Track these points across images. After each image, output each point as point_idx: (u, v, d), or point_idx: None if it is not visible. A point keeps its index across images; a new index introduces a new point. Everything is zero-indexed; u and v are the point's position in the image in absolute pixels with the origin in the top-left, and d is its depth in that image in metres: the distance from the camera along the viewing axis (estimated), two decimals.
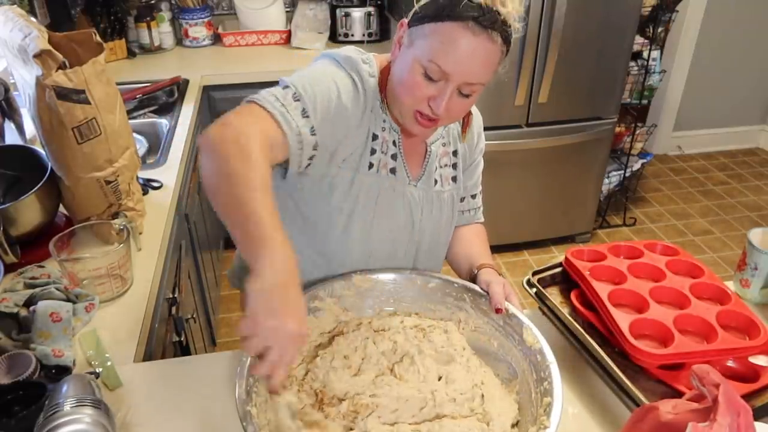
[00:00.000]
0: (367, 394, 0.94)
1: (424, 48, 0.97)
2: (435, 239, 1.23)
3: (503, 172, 2.80)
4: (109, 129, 1.30)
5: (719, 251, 3.15)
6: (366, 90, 1.05)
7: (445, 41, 0.94)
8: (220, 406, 1.01)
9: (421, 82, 0.98)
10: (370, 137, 1.09)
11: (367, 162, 1.09)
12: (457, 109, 1.02)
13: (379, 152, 1.10)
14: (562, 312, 1.10)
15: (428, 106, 1.00)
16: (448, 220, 1.24)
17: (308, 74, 1.03)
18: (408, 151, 1.14)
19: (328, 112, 1.00)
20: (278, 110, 0.96)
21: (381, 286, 1.13)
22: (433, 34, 0.95)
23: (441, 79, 0.97)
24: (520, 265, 3.03)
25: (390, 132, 1.11)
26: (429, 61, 0.96)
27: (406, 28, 1.02)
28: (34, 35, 1.21)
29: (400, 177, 1.13)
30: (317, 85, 1.01)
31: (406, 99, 1.01)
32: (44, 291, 1.15)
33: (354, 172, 1.09)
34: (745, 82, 3.93)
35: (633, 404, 0.94)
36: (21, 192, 1.31)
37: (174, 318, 1.49)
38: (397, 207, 1.14)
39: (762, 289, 1.23)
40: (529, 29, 2.49)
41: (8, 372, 0.97)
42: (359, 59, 1.06)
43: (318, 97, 0.99)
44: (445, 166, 1.20)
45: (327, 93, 1.01)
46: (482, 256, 1.23)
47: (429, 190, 1.17)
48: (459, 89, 0.98)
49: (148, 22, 2.82)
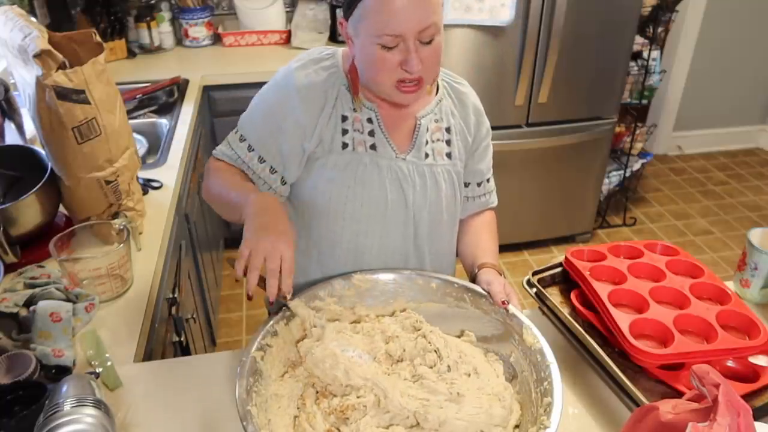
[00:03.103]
0: (362, 392, 0.94)
1: (366, 28, 1.01)
2: (436, 218, 1.21)
3: (503, 172, 2.77)
4: (109, 129, 1.30)
5: (719, 251, 3.15)
6: (314, 84, 1.11)
7: (379, 9, 0.98)
8: (220, 406, 1.01)
9: (384, 55, 1.01)
10: (338, 119, 1.13)
11: (339, 143, 1.13)
12: (430, 58, 1.04)
13: (352, 131, 1.13)
14: (562, 312, 1.10)
15: (403, 71, 1.02)
16: (449, 198, 1.22)
17: (254, 103, 1.17)
18: (392, 126, 1.16)
19: (271, 134, 1.13)
20: (228, 156, 1.17)
21: (381, 286, 1.13)
22: (365, 12, 0.99)
23: (399, 43, 1.00)
24: (520, 265, 3.03)
25: (363, 110, 1.14)
26: (379, 36, 0.99)
27: (346, 24, 1.06)
28: (34, 35, 1.21)
29: (384, 152, 1.14)
30: (258, 112, 1.16)
31: (382, 77, 1.04)
32: (44, 291, 1.15)
33: (327, 154, 1.13)
34: (745, 82, 3.93)
35: (633, 404, 0.94)
36: (21, 192, 1.31)
37: (174, 318, 1.49)
38: (383, 181, 1.15)
39: (762, 289, 1.23)
40: (529, 29, 2.49)
41: (8, 372, 0.97)
42: (308, 60, 1.13)
43: (260, 125, 1.15)
44: (437, 140, 1.20)
45: (268, 115, 1.14)
46: (486, 253, 1.23)
47: (419, 163, 1.17)
48: (419, 40, 1.01)
49: (148, 22, 2.82)
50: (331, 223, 1.16)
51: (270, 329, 0.99)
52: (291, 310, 1.01)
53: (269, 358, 0.97)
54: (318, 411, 0.93)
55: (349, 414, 0.91)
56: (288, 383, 0.98)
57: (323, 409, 0.93)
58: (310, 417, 0.92)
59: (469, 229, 1.32)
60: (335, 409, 0.92)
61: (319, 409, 0.93)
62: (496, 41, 2.51)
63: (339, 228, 1.16)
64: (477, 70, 2.56)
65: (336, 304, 1.10)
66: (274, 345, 0.98)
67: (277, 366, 0.98)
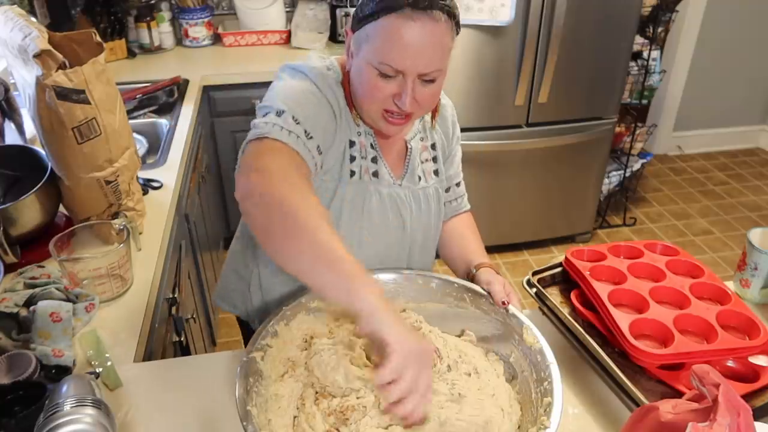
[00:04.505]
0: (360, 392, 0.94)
1: (370, 51, 0.95)
2: (426, 235, 1.23)
3: (503, 172, 2.80)
4: (109, 129, 1.30)
5: (719, 251, 3.15)
6: (337, 98, 1.04)
7: (388, 38, 0.92)
8: (220, 406, 1.01)
9: (378, 83, 0.96)
10: (347, 145, 1.08)
11: (348, 171, 1.08)
12: (426, 98, 0.99)
13: (359, 158, 1.09)
14: (562, 312, 1.10)
15: (394, 103, 0.98)
16: (437, 215, 1.23)
17: (290, 94, 1.00)
18: (387, 152, 1.13)
19: (322, 129, 1.00)
20: (292, 140, 0.94)
21: (381, 285, 1.13)
22: (375, 34, 0.94)
23: (398, 75, 0.95)
24: (520, 265, 3.03)
25: (366, 136, 1.10)
26: (380, 63, 0.94)
27: (351, 35, 1.00)
28: (34, 35, 1.21)
29: (384, 179, 1.13)
30: (306, 105, 0.99)
31: (369, 104, 1.00)
32: (44, 291, 1.15)
33: (336, 183, 1.08)
34: (745, 82, 3.93)
35: (633, 404, 0.94)
36: (21, 192, 1.31)
37: (174, 318, 1.49)
38: (385, 209, 1.13)
39: (762, 289, 1.23)
40: (529, 29, 2.49)
41: (8, 372, 0.97)
42: (324, 67, 1.05)
43: (311, 117, 0.98)
44: (426, 161, 1.19)
45: (316, 110, 1.00)
46: (477, 254, 1.23)
47: (414, 187, 1.17)
48: (420, 78, 0.96)
49: (148, 22, 2.82)
50: None
51: (270, 329, 0.99)
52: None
53: (269, 358, 0.96)
54: (317, 411, 0.93)
55: (349, 415, 0.91)
56: (288, 383, 0.98)
57: (323, 409, 0.93)
58: (309, 417, 0.92)
59: (453, 232, 1.31)
60: (335, 410, 0.92)
61: (318, 410, 0.93)
62: (496, 41, 2.51)
63: None
64: (477, 70, 2.56)
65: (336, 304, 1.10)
66: (274, 345, 0.98)
67: (277, 366, 0.98)
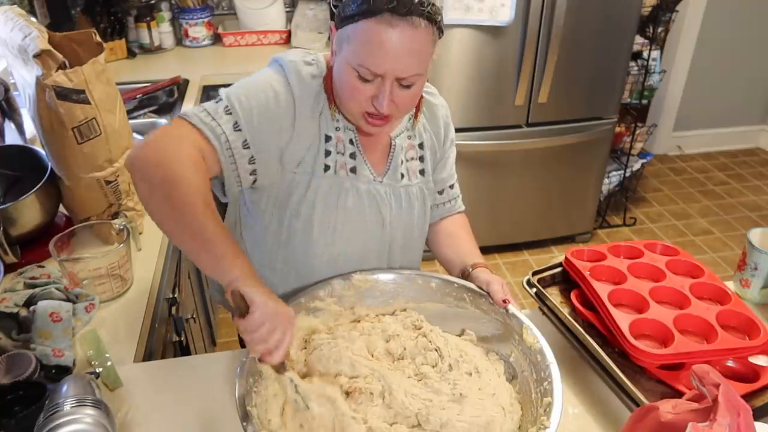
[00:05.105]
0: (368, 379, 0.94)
1: (350, 52, 0.95)
2: (408, 235, 1.21)
3: (503, 172, 2.80)
4: (109, 129, 1.30)
5: (719, 251, 3.15)
6: (309, 92, 1.04)
7: (367, 41, 0.93)
8: (220, 406, 1.01)
9: (358, 85, 0.97)
10: (322, 139, 1.07)
11: (321, 165, 1.08)
12: (404, 101, 1.00)
13: (335, 153, 1.09)
14: (562, 312, 1.10)
15: (373, 105, 0.98)
16: (420, 215, 1.22)
17: (246, 84, 1.03)
18: (369, 148, 1.13)
19: (264, 122, 1.00)
20: (207, 125, 0.97)
21: (381, 285, 1.13)
22: (355, 36, 0.94)
23: (376, 79, 0.96)
24: (520, 265, 3.02)
25: (345, 131, 1.09)
26: (359, 65, 0.95)
27: (335, 32, 1.00)
28: (34, 35, 1.21)
29: (363, 175, 1.12)
30: (254, 96, 1.00)
31: (351, 105, 1.01)
32: (44, 291, 1.16)
33: (309, 176, 1.08)
34: (745, 82, 3.93)
35: (633, 404, 0.94)
36: (21, 192, 1.31)
37: (174, 318, 1.49)
38: (363, 206, 1.13)
39: (762, 289, 1.23)
40: (529, 29, 2.49)
41: (8, 372, 0.97)
42: (301, 61, 1.05)
43: (254, 109, 1.00)
44: (411, 159, 1.18)
45: (264, 102, 1.01)
46: (472, 254, 1.22)
47: (395, 185, 1.15)
48: (398, 82, 0.96)
49: (148, 22, 2.82)
50: (311, 246, 1.12)
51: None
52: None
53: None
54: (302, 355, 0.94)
55: (356, 396, 0.91)
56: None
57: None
58: (293, 363, 0.93)
59: (447, 232, 1.30)
60: (342, 386, 0.93)
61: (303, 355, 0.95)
62: (496, 41, 2.51)
63: (319, 250, 1.12)
64: (477, 70, 2.56)
65: (336, 304, 1.10)
66: None
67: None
